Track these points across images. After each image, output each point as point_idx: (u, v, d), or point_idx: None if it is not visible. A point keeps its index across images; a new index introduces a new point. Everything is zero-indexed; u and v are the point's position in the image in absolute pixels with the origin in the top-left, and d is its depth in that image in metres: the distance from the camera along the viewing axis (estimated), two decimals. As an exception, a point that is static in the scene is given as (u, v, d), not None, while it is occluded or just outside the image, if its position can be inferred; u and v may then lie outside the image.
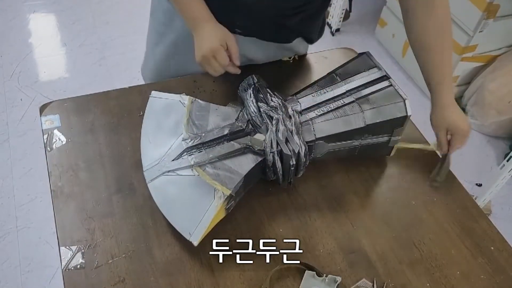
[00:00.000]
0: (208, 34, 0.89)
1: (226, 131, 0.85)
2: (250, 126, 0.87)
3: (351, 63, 0.95)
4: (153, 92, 0.93)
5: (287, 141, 0.83)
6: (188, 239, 0.77)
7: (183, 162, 0.82)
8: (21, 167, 1.87)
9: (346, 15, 2.65)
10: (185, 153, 0.83)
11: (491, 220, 0.91)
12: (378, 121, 0.87)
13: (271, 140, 0.82)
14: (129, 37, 2.48)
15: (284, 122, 0.84)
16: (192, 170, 0.81)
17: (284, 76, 1.12)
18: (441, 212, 0.91)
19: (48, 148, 0.93)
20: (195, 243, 0.76)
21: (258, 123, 0.85)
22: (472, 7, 1.93)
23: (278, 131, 0.83)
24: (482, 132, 2.21)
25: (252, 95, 0.88)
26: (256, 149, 0.83)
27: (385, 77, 0.91)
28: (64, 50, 2.42)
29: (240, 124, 0.87)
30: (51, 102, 1.01)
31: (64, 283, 0.76)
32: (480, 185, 1.98)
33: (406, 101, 0.88)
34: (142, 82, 1.12)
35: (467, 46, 2.05)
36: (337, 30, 2.61)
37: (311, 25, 1.04)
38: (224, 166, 0.82)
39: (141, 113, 0.96)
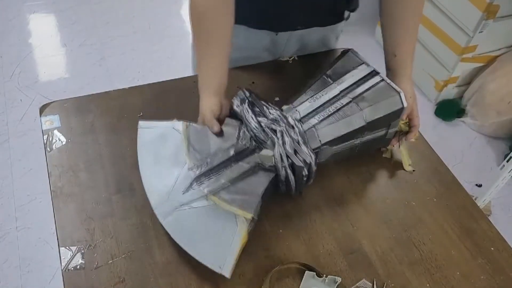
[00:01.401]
0: (210, 104, 0.89)
1: (231, 153, 0.82)
2: (254, 143, 0.84)
3: (339, 63, 0.95)
4: (140, 122, 0.88)
5: (295, 152, 0.81)
6: (219, 272, 0.74)
7: (195, 193, 0.79)
8: (21, 168, 1.88)
9: (346, 16, 2.66)
10: (195, 183, 0.80)
11: (491, 221, 0.91)
12: (377, 117, 0.88)
13: (281, 155, 0.81)
14: (129, 37, 2.48)
15: (288, 133, 0.83)
16: (206, 199, 0.78)
17: (284, 76, 1.12)
18: (441, 213, 0.91)
19: (48, 149, 0.93)
20: (228, 275, 0.74)
21: (262, 138, 0.83)
22: (472, 8, 1.93)
23: (285, 143, 0.81)
24: (482, 132, 2.21)
25: (249, 110, 0.86)
26: (266, 166, 0.82)
27: (375, 72, 0.92)
28: (64, 51, 2.42)
29: (243, 142, 0.84)
30: (51, 103, 1.01)
31: (64, 284, 0.76)
32: (480, 185, 1.98)
33: (400, 93, 0.89)
34: (142, 82, 1.11)
35: (467, 47, 2.05)
36: (337, 30, 2.61)
37: None
38: (238, 189, 0.80)
39: (141, 114, 0.97)
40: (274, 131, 0.83)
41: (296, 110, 0.88)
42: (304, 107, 0.89)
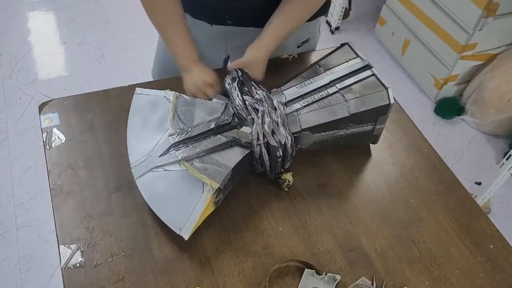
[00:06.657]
0: (198, 73, 0.98)
1: (212, 125, 0.86)
2: (236, 120, 0.88)
3: (334, 54, 0.96)
4: (137, 88, 0.93)
5: (273, 133, 0.84)
6: (178, 233, 0.77)
7: (170, 158, 0.83)
8: (20, 166, 1.87)
9: (346, 14, 2.65)
10: (172, 149, 0.84)
11: (490, 219, 0.91)
12: (362, 110, 0.88)
13: (258, 133, 0.83)
14: (129, 35, 2.47)
15: (269, 114, 0.85)
16: (179, 165, 0.82)
17: (283, 74, 1.12)
18: (440, 211, 0.91)
19: (47, 147, 0.92)
20: (186, 237, 0.77)
21: (244, 116, 0.86)
22: (471, 6, 1.93)
23: (264, 123, 0.84)
24: (482, 130, 2.21)
25: (237, 88, 0.89)
26: (243, 142, 0.84)
27: (368, 67, 0.92)
28: (63, 48, 2.42)
29: (226, 118, 0.87)
30: (50, 101, 1.01)
31: (63, 282, 0.76)
32: (479, 183, 1.98)
33: (388, 89, 0.89)
34: (141, 80, 1.11)
35: (466, 45, 2.04)
36: (337, 28, 2.61)
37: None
38: (212, 160, 0.82)
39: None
40: (256, 110, 0.86)
41: (283, 94, 0.90)
42: (291, 92, 0.90)
